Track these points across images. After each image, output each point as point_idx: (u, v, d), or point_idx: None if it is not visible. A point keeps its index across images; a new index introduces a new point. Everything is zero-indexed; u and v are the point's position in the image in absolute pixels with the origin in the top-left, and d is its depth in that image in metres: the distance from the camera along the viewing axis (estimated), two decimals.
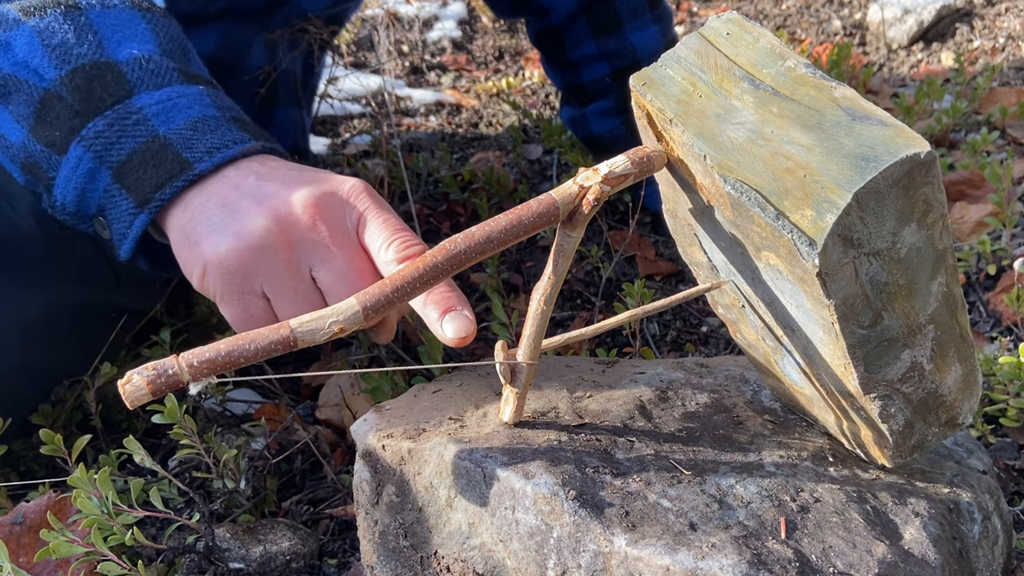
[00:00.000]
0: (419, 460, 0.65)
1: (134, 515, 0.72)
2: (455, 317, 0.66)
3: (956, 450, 0.74)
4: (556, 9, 1.35)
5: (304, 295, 0.73)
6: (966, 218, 1.35)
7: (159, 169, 0.74)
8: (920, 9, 2.06)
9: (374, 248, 0.71)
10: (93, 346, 1.04)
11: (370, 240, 0.72)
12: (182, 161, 0.74)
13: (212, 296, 0.75)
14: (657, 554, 0.57)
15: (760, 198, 0.56)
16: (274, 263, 0.72)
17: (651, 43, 1.34)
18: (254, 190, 0.72)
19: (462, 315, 0.66)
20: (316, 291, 0.73)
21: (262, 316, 0.74)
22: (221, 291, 0.73)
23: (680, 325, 1.25)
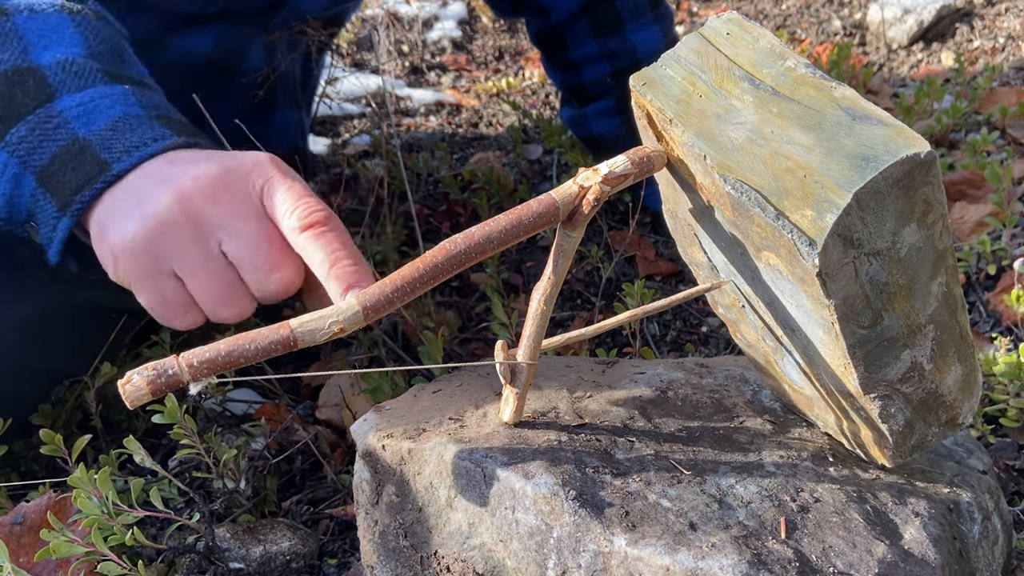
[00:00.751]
0: (419, 460, 0.65)
1: (134, 515, 0.72)
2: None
3: (956, 450, 0.74)
4: (557, 9, 1.35)
5: (215, 270, 0.72)
6: (966, 218, 1.35)
7: (79, 171, 0.73)
8: (920, 9, 2.06)
9: (279, 216, 0.70)
10: (93, 346, 1.04)
11: (275, 208, 0.70)
12: (100, 162, 0.73)
13: (127, 284, 0.74)
14: (657, 554, 0.57)
15: (760, 198, 0.56)
16: (180, 242, 0.71)
17: (652, 43, 1.34)
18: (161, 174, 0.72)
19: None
20: (228, 265, 0.72)
21: (176, 298, 0.73)
22: (133, 276, 0.73)
23: (680, 325, 1.25)
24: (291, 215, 0.69)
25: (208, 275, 0.71)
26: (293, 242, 0.70)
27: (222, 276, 0.72)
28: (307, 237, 0.68)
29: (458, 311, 1.29)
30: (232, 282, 0.72)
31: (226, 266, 0.72)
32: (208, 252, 0.71)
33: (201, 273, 0.71)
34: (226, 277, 0.72)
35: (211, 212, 0.70)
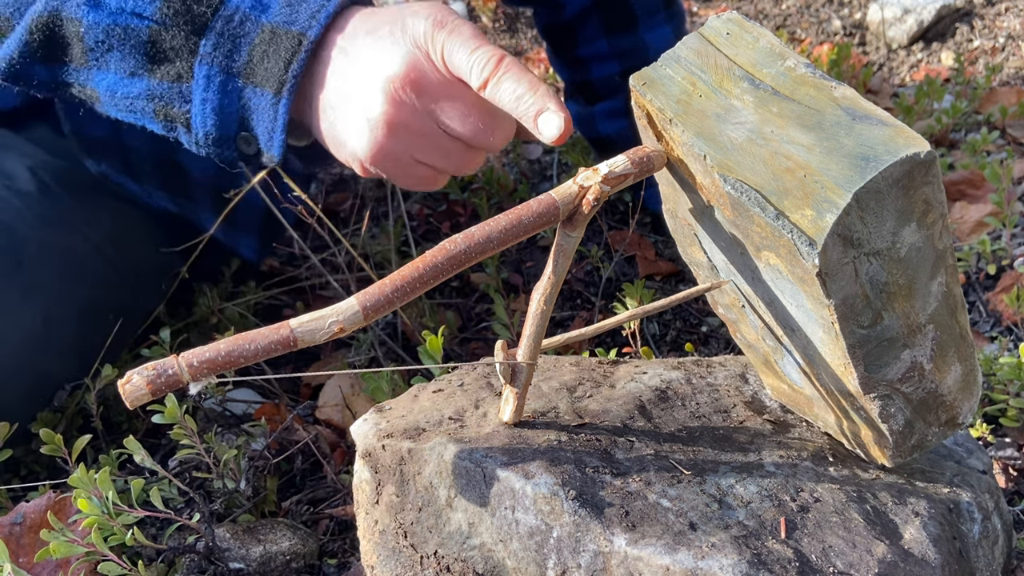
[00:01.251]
0: (419, 460, 0.65)
1: (134, 515, 0.72)
2: (547, 116, 0.70)
3: (956, 450, 0.74)
4: (570, 3, 1.33)
5: (447, 148, 0.78)
6: (966, 218, 1.35)
7: (279, 52, 0.77)
8: (920, 9, 2.06)
9: (465, 78, 0.74)
10: (93, 348, 1.04)
11: (459, 73, 0.74)
12: (295, 35, 0.77)
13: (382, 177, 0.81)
14: (657, 554, 0.57)
15: (760, 198, 0.56)
16: (408, 138, 0.76)
17: (663, 43, 1.33)
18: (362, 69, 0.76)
19: (555, 113, 0.70)
20: (455, 140, 0.78)
21: (426, 174, 0.80)
22: (387, 175, 0.80)
23: (680, 325, 1.25)
24: (470, 75, 0.73)
25: (443, 155, 0.78)
26: (484, 97, 0.74)
27: (454, 151, 0.78)
28: (490, 93, 0.73)
29: (458, 311, 1.29)
30: (464, 151, 0.79)
31: (454, 142, 0.78)
32: (434, 137, 0.77)
33: (437, 156, 0.78)
34: (458, 150, 0.78)
35: (419, 104, 0.75)
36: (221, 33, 0.77)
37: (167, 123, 0.82)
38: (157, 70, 0.80)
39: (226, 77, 0.78)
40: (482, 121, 0.76)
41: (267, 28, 0.77)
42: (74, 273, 1.01)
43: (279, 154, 0.79)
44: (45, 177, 1.03)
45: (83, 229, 1.04)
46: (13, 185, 1.00)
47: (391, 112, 0.75)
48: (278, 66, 0.77)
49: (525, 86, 0.71)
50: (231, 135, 0.81)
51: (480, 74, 0.72)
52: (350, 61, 0.76)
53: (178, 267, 1.16)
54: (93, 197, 1.09)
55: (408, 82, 0.74)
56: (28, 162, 1.02)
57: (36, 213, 1.00)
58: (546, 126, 0.70)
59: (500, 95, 0.72)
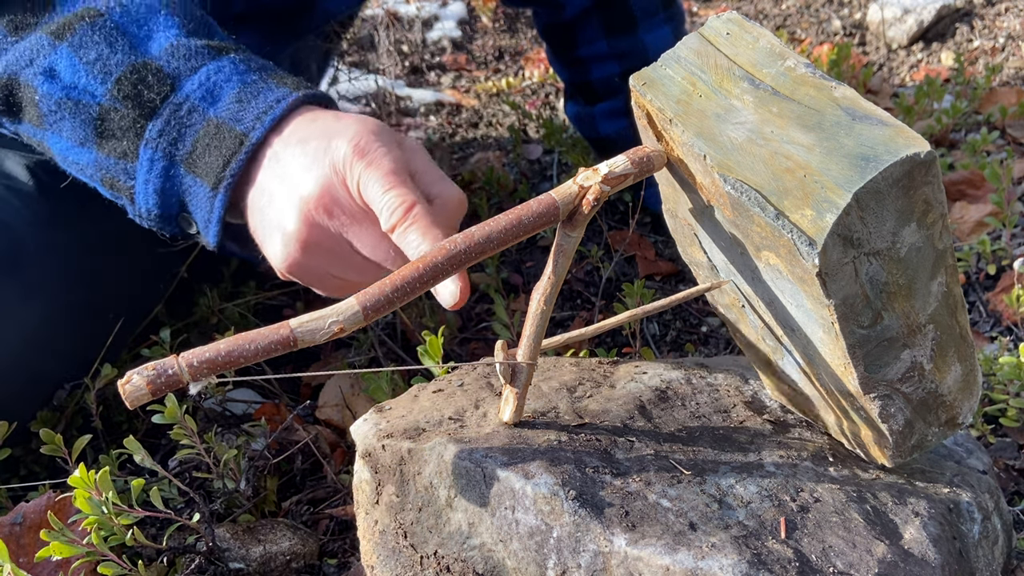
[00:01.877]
0: (419, 460, 0.65)
1: (134, 515, 0.72)
2: (446, 284, 0.70)
3: (956, 450, 0.74)
4: (570, 4, 1.33)
5: (361, 267, 0.78)
6: (966, 218, 1.35)
7: (221, 148, 0.78)
8: (920, 9, 2.06)
9: (376, 215, 0.74)
10: (93, 348, 1.04)
11: (371, 207, 0.75)
12: (238, 135, 0.78)
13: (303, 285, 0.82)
14: (657, 554, 0.57)
15: (760, 198, 0.56)
16: (322, 256, 0.78)
17: (663, 44, 1.32)
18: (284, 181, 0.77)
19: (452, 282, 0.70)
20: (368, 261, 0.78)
21: (343, 286, 0.81)
22: (304, 283, 0.81)
23: (680, 325, 1.25)
24: (380, 215, 0.73)
25: (357, 272, 0.79)
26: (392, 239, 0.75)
27: (368, 270, 0.79)
28: (396, 239, 0.73)
29: (458, 311, 1.29)
30: (377, 270, 0.79)
31: (367, 263, 0.79)
32: (347, 257, 0.78)
33: (351, 272, 0.79)
34: (371, 270, 0.78)
35: (331, 226, 0.76)
36: (168, 120, 0.79)
37: (114, 192, 0.84)
38: (105, 145, 0.81)
39: (169, 163, 0.79)
40: (394, 249, 0.75)
41: (213, 122, 0.78)
42: (73, 273, 1.01)
43: (214, 243, 0.81)
44: (44, 176, 1.03)
45: (82, 228, 1.04)
46: (12, 184, 1.00)
47: (303, 231, 0.76)
48: (218, 162, 0.78)
49: (428, 243, 0.71)
50: (172, 214, 0.82)
51: (388, 218, 0.72)
52: (279, 169, 0.77)
53: (177, 267, 1.16)
54: (92, 197, 1.08)
55: (320, 205, 0.75)
56: (27, 161, 1.02)
57: (35, 212, 1.00)
58: (443, 292, 0.70)
59: (404, 245, 0.72)
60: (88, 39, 0.80)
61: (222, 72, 0.79)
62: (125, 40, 0.81)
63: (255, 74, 0.80)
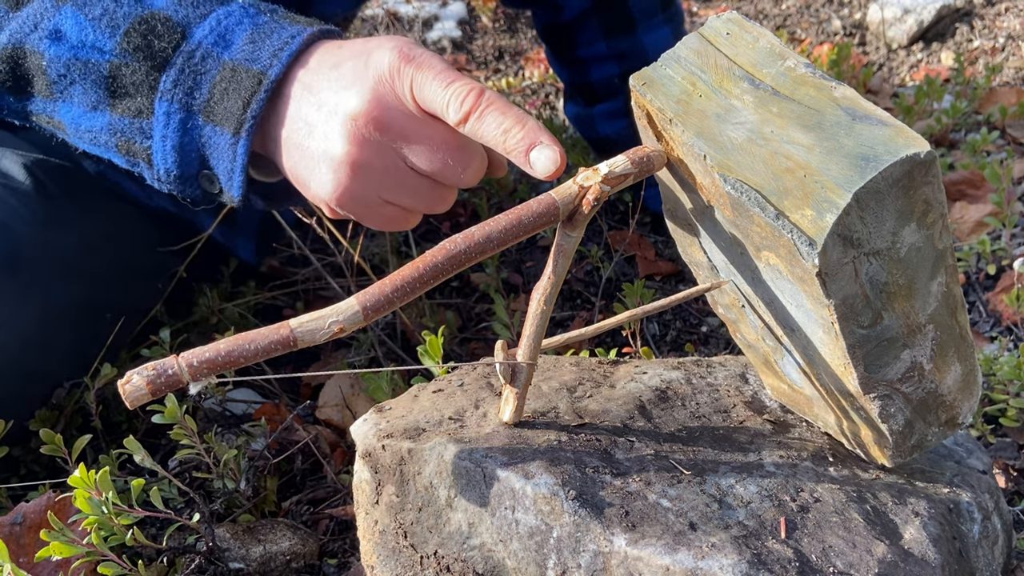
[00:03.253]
0: (419, 460, 0.65)
1: (134, 515, 0.72)
2: (541, 151, 0.66)
3: (956, 450, 0.73)
4: (569, 5, 1.33)
5: (415, 188, 0.75)
6: (966, 218, 1.35)
7: (240, 91, 0.75)
8: (920, 9, 2.06)
9: (439, 113, 0.71)
10: (92, 348, 1.04)
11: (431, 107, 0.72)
12: (256, 74, 0.75)
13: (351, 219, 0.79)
14: (657, 554, 0.57)
15: (760, 198, 0.56)
16: (374, 178, 0.74)
17: (662, 44, 1.32)
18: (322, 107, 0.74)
19: (548, 147, 0.66)
20: (423, 178, 0.75)
21: (395, 215, 0.77)
22: (354, 217, 0.77)
23: (680, 325, 1.25)
24: (447, 110, 0.70)
25: (411, 194, 0.75)
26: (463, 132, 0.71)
27: (423, 189, 0.75)
28: (472, 127, 0.69)
29: (458, 311, 1.29)
30: (434, 189, 0.76)
31: (422, 180, 0.75)
32: (401, 176, 0.74)
33: (405, 195, 0.75)
34: (427, 188, 0.75)
35: (383, 142, 0.72)
36: (182, 70, 0.76)
37: (130, 158, 0.81)
38: (118, 104, 0.79)
39: (186, 114, 0.77)
40: (451, 157, 0.73)
41: (228, 66, 0.75)
42: (71, 272, 1.01)
43: (239, 195, 0.78)
44: (42, 176, 1.03)
45: (80, 228, 1.04)
46: (10, 184, 1.00)
47: (354, 152, 0.72)
48: (237, 105, 0.75)
49: (512, 119, 0.68)
50: (193, 173, 0.79)
51: (459, 109, 0.69)
52: (313, 99, 0.74)
53: (176, 267, 1.16)
54: (90, 196, 1.08)
55: (370, 119, 0.72)
56: (25, 160, 1.02)
57: (33, 212, 0.99)
58: (540, 160, 0.66)
59: (484, 130, 0.68)
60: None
61: (232, 16, 0.77)
62: None
63: (265, 15, 0.78)
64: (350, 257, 1.28)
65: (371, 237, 1.43)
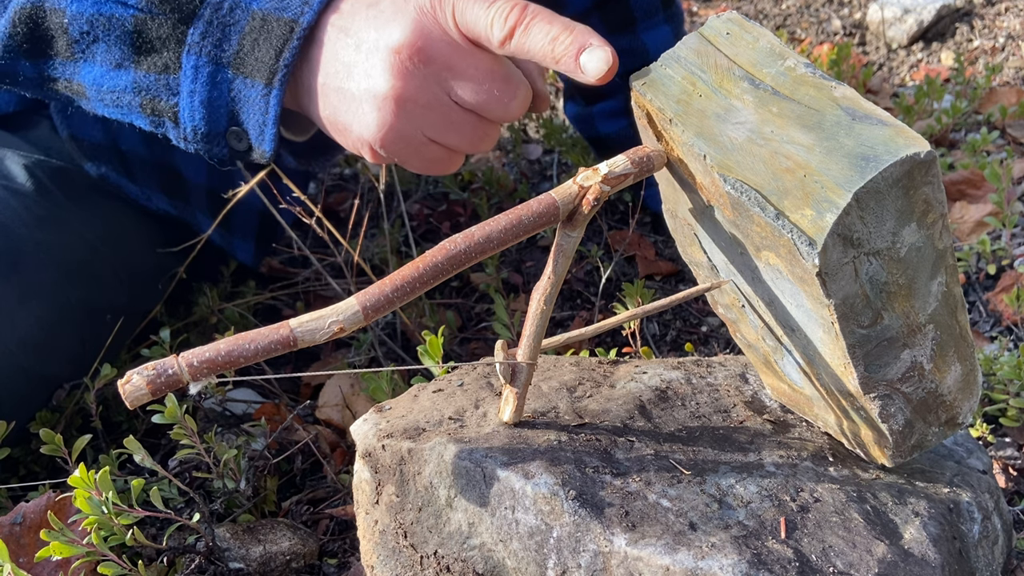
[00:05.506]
0: (419, 460, 0.65)
1: (134, 515, 0.72)
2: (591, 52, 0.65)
3: (956, 450, 0.73)
4: (570, 4, 1.33)
5: (460, 123, 0.73)
6: (966, 218, 1.35)
7: (271, 41, 0.73)
8: (920, 9, 2.06)
9: (482, 38, 0.70)
10: (92, 349, 1.04)
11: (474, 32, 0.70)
12: (287, 22, 0.73)
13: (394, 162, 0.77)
14: (657, 554, 0.57)
15: (760, 198, 0.56)
16: (418, 114, 0.72)
17: (663, 43, 1.32)
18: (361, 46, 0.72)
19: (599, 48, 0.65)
20: (468, 112, 0.73)
21: (439, 155, 0.76)
22: (396, 158, 0.75)
23: (680, 325, 1.25)
24: (490, 31, 0.68)
25: (456, 131, 0.73)
26: (508, 53, 0.70)
27: (468, 125, 0.73)
28: (516, 44, 0.68)
29: (458, 311, 1.29)
30: (479, 124, 0.74)
31: (467, 115, 0.73)
32: (446, 111, 0.72)
33: (450, 132, 0.73)
34: (471, 123, 0.73)
35: (427, 74, 0.71)
36: (210, 21, 0.74)
37: (155, 118, 0.79)
38: (143, 61, 0.77)
39: (215, 68, 0.75)
40: (497, 88, 0.71)
41: (258, 15, 0.74)
42: (71, 273, 1.01)
43: (270, 149, 0.76)
44: (42, 177, 1.03)
45: (80, 229, 1.04)
46: (10, 185, 1.00)
47: (398, 86, 0.70)
48: (269, 55, 0.73)
49: (559, 26, 0.66)
50: (221, 130, 0.77)
51: (504, 25, 0.67)
52: (350, 40, 0.72)
53: (175, 268, 1.16)
54: (90, 197, 1.08)
55: (415, 51, 0.69)
56: (25, 162, 1.02)
57: (33, 213, 1.00)
58: (592, 62, 0.64)
59: (530, 42, 0.66)
60: None
61: None
62: None
63: None
64: (350, 257, 1.28)
65: (371, 237, 1.43)
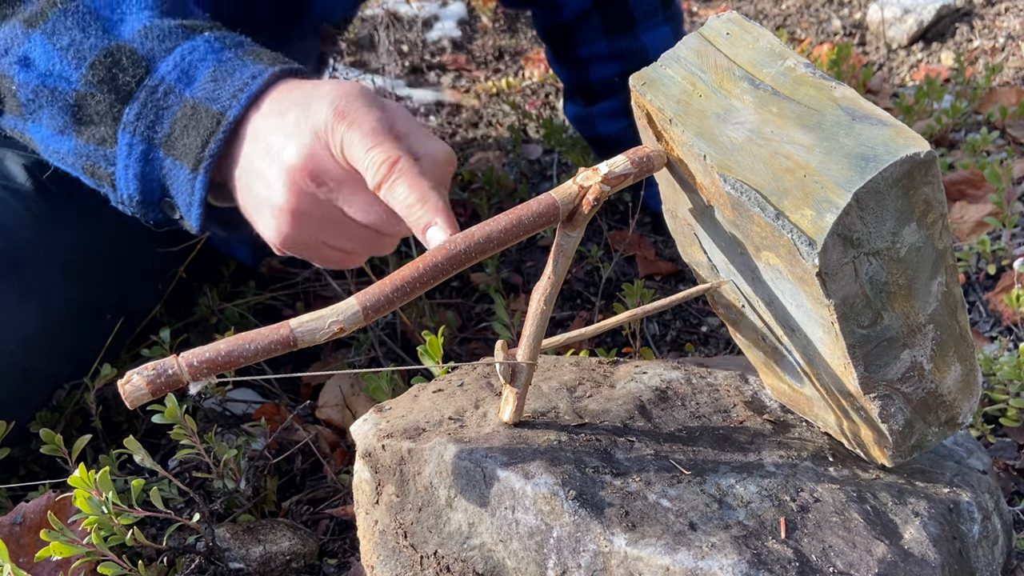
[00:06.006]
0: (419, 460, 0.65)
1: (134, 515, 0.72)
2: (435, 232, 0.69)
3: (956, 450, 0.74)
4: (569, 5, 1.33)
5: (354, 234, 0.78)
6: (966, 218, 1.35)
7: (199, 129, 0.77)
8: (920, 9, 2.06)
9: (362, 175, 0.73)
10: (92, 349, 1.04)
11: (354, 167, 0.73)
12: (215, 114, 0.77)
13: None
14: (657, 554, 0.57)
15: (760, 198, 0.56)
16: (314, 225, 0.77)
17: (662, 44, 1.32)
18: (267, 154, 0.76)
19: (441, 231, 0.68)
20: (362, 226, 0.77)
21: (339, 257, 0.80)
22: (300, 256, 0.80)
23: (680, 325, 1.25)
24: (365, 175, 0.72)
25: (352, 240, 0.78)
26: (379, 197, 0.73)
27: (363, 238, 0.78)
28: (383, 196, 0.71)
29: (458, 311, 1.29)
30: (374, 236, 0.78)
31: (361, 229, 0.77)
32: (340, 225, 0.77)
33: (346, 241, 0.78)
34: (366, 236, 0.78)
35: (319, 194, 0.75)
36: (144, 103, 0.78)
37: (95, 180, 0.83)
38: (83, 131, 0.80)
39: (148, 147, 0.79)
40: (386, 211, 0.74)
41: (189, 103, 0.77)
42: (71, 273, 1.01)
43: (197, 226, 0.80)
44: (42, 177, 1.03)
45: (80, 229, 1.04)
46: (10, 185, 1.00)
47: (292, 201, 0.75)
48: (196, 143, 0.77)
49: (415, 196, 0.69)
50: (155, 200, 0.81)
51: (374, 176, 0.71)
52: (261, 144, 0.76)
53: (175, 268, 1.16)
54: (90, 197, 1.08)
55: (306, 173, 0.74)
56: (25, 162, 1.02)
57: (33, 213, 0.99)
58: (434, 241, 0.68)
59: (392, 201, 0.71)
60: (61, 25, 0.79)
61: (196, 51, 0.78)
62: (98, 24, 0.80)
63: (230, 51, 0.79)
64: None
65: None
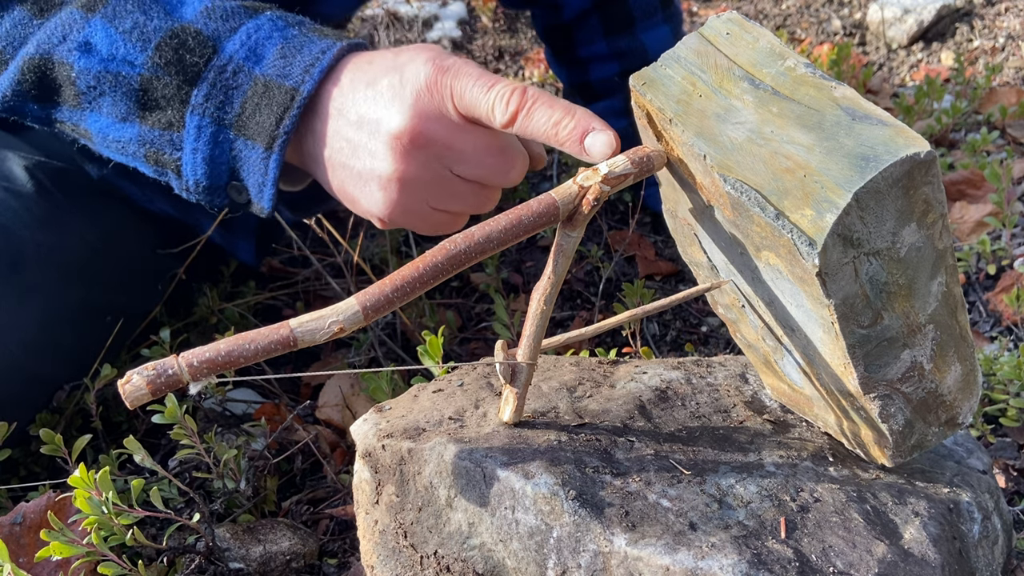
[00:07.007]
0: (419, 460, 0.65)
1: (134, 515, 0.72)
2: (595, 136, 0.67)
3: (956, 450, 0.74)
4: (568, 5, 1.33)
5: (462, 194, 0.77)
6: (966, 218, 1.35)
7: (272, 107, 0.76)
8: (920, 9, 2.06)
9: (483, 119, 0.72)
10: (92, 349, 1.04)
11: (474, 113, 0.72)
12: (288, 90, 0.76)
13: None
14: (657, 554, 0.57)
15: (760, 198, 0.56)
16: (422, 192, 0.76)
17: (662, 43, 1.33)
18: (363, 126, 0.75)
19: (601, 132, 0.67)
20: (470, 184, 0.77)
21: (445, 220, 0.80)
22: (405, 226, 0.80)
23: (680, 325, 1.25)
24: (492, 114, 0.71)
25: (459, 199, 0.78)
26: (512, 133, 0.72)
27: (469, 195, 0.78)
28: (519, 127, 0.70)
29: (458, 311, 1.29)
30: (480, 192, 0.78)
31: (469, 185, 0.77)
32: (448, 185, 0.76)
33: (453, 201, 0.78)
34: (473, 193, 0.78)
35: (429, 154, 0.74)
36: (213, 84, 0.77)
37: (158, 168, 0.82)
38: (148, 117, 0.79)
39: (217, 128, 0.78)
40: (496, 160, 0.75)
41: (260, 81, 0.76)
42: (72, 274, 1.01)
43: (269, 207, 0.79)
44: (43, 178, 1.03)
45: (81, 230, 1.04)
46: (11, 186, 1.00)
47: (401, 169, 0.74)
48: (270, 121, 0.76)
49: (560, 111, 0.68)
50: (222, 184, 0.80)
51: (506, 110, 0.70)
52: (351, 117, 0.75)
53: (176, 268, 1.16)
54: (91, 198, 1.08)
55: (415, 135, 0.73)
56: (26, 163, 1.02)
57: (34, 214, 0.99)
58: (596, 146, 0.66)
59: (533, 126, 0.69)
60: (122, 8, 0.78)
61: (262, 30, 0.78)
62: (159, 6, 0.79)
63: (294, 29, 0.78)
64: (350, 257, 1.28)
65: (371, 237, 1.43)
